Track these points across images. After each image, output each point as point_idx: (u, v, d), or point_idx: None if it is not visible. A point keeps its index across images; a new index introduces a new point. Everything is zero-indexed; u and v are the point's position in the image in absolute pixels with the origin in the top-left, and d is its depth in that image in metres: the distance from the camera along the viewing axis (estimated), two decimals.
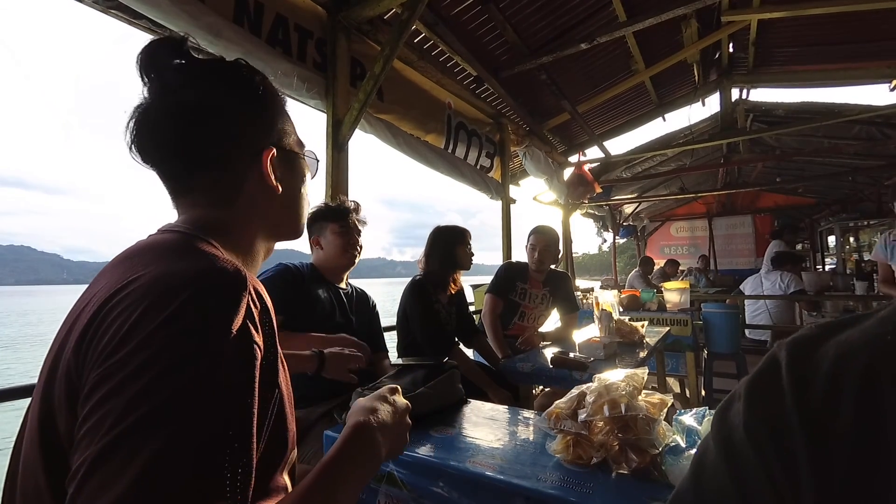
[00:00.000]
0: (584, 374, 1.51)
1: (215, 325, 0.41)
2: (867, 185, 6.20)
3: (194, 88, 0.53)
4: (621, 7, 2.82)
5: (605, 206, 7.03)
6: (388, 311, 2.09)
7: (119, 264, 0.49)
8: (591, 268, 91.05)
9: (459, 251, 2.01)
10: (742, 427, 0.29)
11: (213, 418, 0.38)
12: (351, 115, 2.04)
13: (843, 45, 3.45)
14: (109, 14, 1.62)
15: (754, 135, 4.70)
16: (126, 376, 0.37)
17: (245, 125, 0.56)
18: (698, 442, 0.83)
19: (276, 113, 0.59)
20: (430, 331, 1.88)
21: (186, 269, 0.45)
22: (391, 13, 2.31)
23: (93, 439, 0.36)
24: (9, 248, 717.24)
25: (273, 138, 0.58)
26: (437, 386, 1.16)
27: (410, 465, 0.89)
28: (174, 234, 0.52)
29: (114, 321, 0.41)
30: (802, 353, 0.29)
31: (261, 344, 0.45)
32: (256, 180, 0.56)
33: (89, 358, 0.40)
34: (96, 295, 0.45)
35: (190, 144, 0.53)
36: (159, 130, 0.52)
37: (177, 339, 0.39)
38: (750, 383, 0.31)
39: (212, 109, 0.53)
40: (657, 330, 2.47)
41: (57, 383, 0.42)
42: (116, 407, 0.36)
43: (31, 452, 0.44)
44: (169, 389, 0.37)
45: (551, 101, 3.83)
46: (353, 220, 1.56)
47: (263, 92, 0.58)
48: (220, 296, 0.43)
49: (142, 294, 0.42)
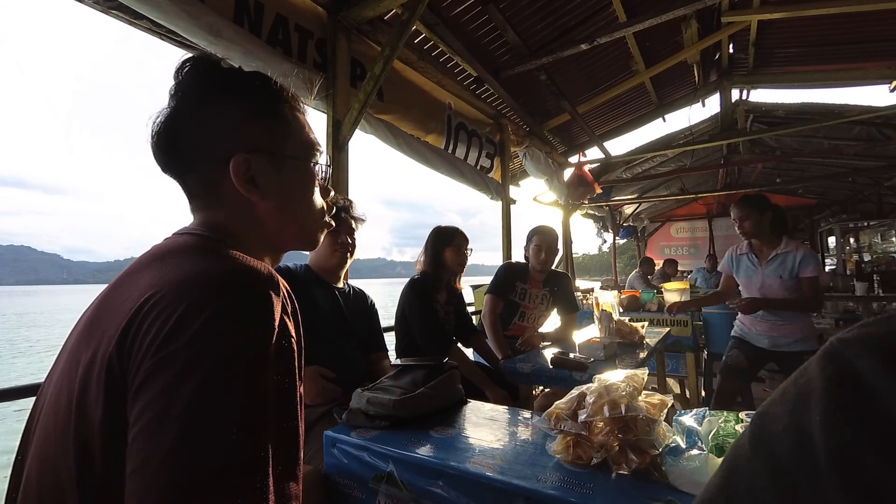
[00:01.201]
0: (584, 375, 1.51)
1: (260, 322, 0.44)
2: (867, 185, 6.21)
3: (178, 97, 0.54)
4: (621, 8, 2.82)
5: (605, 207, 7.03)
6: (387, 311, 2.09)
7: (150, 265, 0.50)
8: (591, 268, 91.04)
9: (447, 253, 2.01)
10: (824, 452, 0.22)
11: (259, 412, 0.41)
12: (351, 116, 2.04)
13: (842, 46, 3.45)
14: (110, 14, 1.62)
15: (754, 135, 4.70)
16: (179, 371, 0.39)
17: (211, 126, 0.54)
18: (698, 443, 0.83)
19: (257, 110, 0.56)
20: (429, 330, 1.88)
21: (222, 267, 0.47)
22: (391, 13, 2.31)
23: (149, 434, 0.38)
24: (9, 248, 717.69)
25: (249, 142, 0.54)
26: (437, 386, 1.16)
27: (410, 465, 0.89)
28: (193, 237, 0.54)
29: (157, 317, 0.42)
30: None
31: (296, 339, 0.48)
32: (230, 187, 0.54)
33: (135, 353, 0.41)
34: (133, 294, 0.46)
35: (173, 149, 0.55)
36: (158, 134, 0.55)
37: (224, 336, 0.41)
38: (825, 403, 0.23)
39: (182, 113, 0.54)
40: (657, 330, 2.47)
41: (94, 377, 0.43)
42: (172, 400, 0.38)
43: (55, 446, 0.45)
44: (219, 387, 0.40)
45: (551, 101, 3.83)
46: (345, 219, 1.54)
47: (238, 88, 0.55)
48: (260, 293, 0.45)
49: (183, 291, 0.43)
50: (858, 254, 6.95)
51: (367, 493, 0.93)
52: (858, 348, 0.23)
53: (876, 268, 6.23)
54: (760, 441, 0.26)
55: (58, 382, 0.48)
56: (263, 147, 0.55)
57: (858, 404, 0.22)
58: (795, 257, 2.10)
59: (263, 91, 0.57)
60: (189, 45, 1.75)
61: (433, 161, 2.91)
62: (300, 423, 0.49)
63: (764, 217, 2.16)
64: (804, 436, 0.23)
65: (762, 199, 2.21)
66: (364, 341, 1.60)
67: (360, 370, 1.51)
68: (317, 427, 1.30)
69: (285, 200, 0.58)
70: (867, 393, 0.22)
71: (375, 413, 1.05)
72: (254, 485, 0.39)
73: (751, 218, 2.16)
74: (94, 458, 0.41)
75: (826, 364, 0.24)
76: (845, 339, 0.25)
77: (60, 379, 0.48)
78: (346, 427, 1.05)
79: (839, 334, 0.25)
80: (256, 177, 0.55)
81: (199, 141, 0.54)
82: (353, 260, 1.62)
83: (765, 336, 2.24)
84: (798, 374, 0.26)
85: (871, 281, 5.08)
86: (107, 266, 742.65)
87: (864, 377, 0.22)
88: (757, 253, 2.24)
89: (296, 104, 0.60)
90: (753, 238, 2.22)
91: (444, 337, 1.93)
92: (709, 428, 0.82)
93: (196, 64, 0.55)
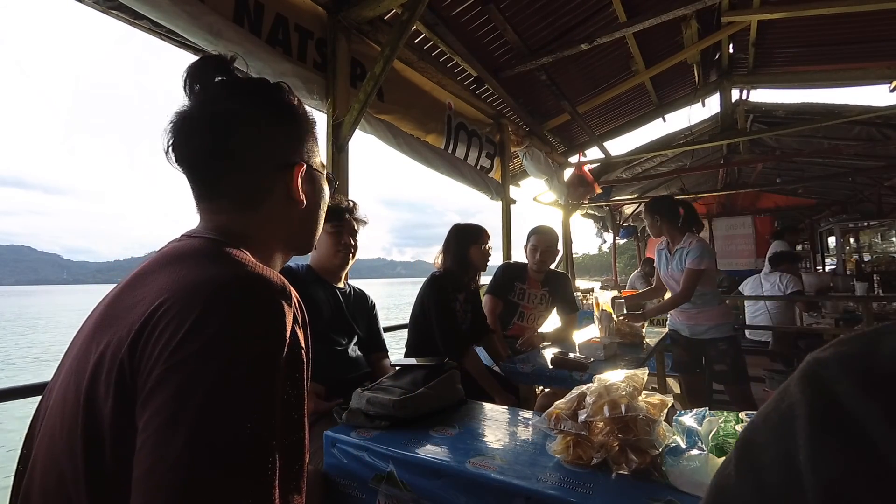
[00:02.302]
0: (584, 375, 1.51)
1: (272, 331, 0.44)
2: (867, 186, 6.20)
3: (234, 101, 0.56)
4: (621, 8, 2.82)
5: (606, 207, 7.03)
6: (387, 311, 2.07)
7: (164, 268, 0.51)
8: (591, 268, 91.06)
9: (473, 251, 1.99)
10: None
11: (268, 422, 0.41)
12: (351, 116, 2.04)
13: (842, 46, 3.45)
14: (110, 14, 1.62)
15: (754, 136, 4.70)
16: (189, 379, 0.39)
17: (277, 139, 0.59)
18: (698, 443, 0.83)
19: (306, 132, 0.63)
20: (447, 329, 1.84)
21: (236, 274, 0.47)
22: (391, 13, 2.31)
23: (157, 440, 0.38)
24: (9, 248, 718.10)
25: (303, 155, 0.61)
26: (437, 386, 1.16)
27: (410, 465, 0.89)
28: (207, 241, 0.54)
29: (170, 323, 0.42)
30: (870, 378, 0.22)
31: (305, 350, 0.48)
32: (282, 192, 0.59)
33: (146, 358, 0.42)
34: (146, 297, 0.47)
35: (223, 151, 0.56)
36: (196, 135, 0.55)
37: (235, 346, 0.42)
38: (811, 433, 0.23)
39: (247, 121, 0.56)
40: (657, 331, 2.47)
41: (104, 377, 0.43)
42: (181, 408, 0.39)
43: (61, 445, 0.45)
44: (228, 396, 0.40)
45: (551, 101, 3.83)
46: (349, 220, 1.55)
47: (297, 112, 0.62)
48: (273, 302, 0.46)
49: (196, 297, 0.44)
50: (858, 254, 6.95)
51: (367, 493, 0.93)
52: (836, 371, 0.23)
53: (876, 268, 6.23)
54: (749, 468, 0.26)
55: (65, 382, 0.48)
56: (309, 160, 0.62)
57: (842, 435, 0.22)
58: (687, 251, 2.22)
59: (304, 111, 0.63)
60: (189, 45, 1.75)
61: (433, 161, 2.91)
62: (306, 435, 0.49)
63: (674, 218, 2.30)
64: (791, 466, 0.23)
65: (658, 203, 2.37)
66: (364, 341, 1.60)
67: (360, 370, 1.51)
68: (317, 427, 1.30)
69: (312, 208, 0.64)
70: (849, 421, 0.21)
71: (375, 413, 1.05)
72: (259, 495, 0.39)
73: (661, 222, 2.33)
74: (104, 456, 0.42)
75: (805, 387, 0.24)
76: (821, 359, 0.24)
77: (67, 379, 0.48)
78: (346, 427, 1.06)
79: (815, 353, 0.25)
80: (303, 186, 0.60)
81: (262, 146, 0.57)
82: (355, 261, 1.62)
83: (685, 325, 2.37)
84: (779, 397, 0.26)
85: (871, 281, 5.08)
86: (107, 266, 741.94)
87: (844, 403, 0.22)
88: (668, 248, 2.38)
89: (314, 122, 0.66)
90: (659, 237, 2.40)
91: (460, 337, 1.88)
92: (709, 428, 0.82)
93: (258, 84, 0.60)
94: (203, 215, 0.58)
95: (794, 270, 3.98)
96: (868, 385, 0.22)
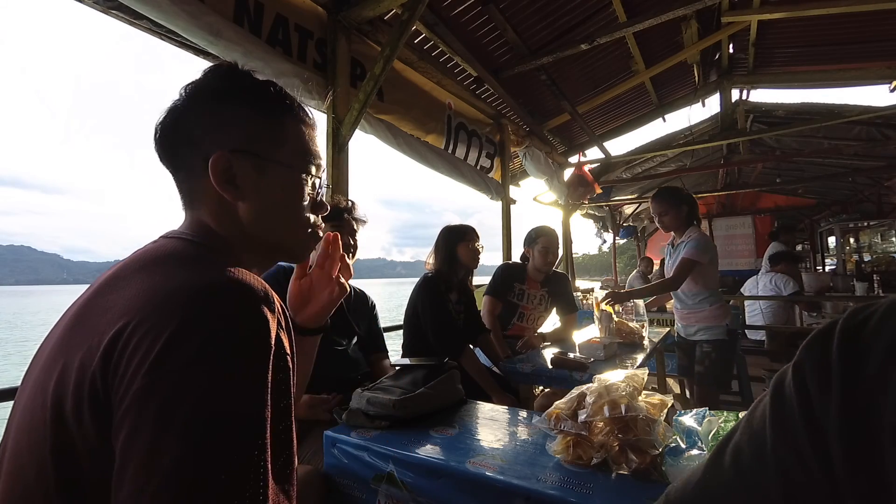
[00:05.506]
0: (584, 375, 1.51)
1: (257, 340, 0.42)
2: (867, 185, 6.21)
3: (186, 90, 0.54)
4: (621, 8, 2.82)
5: (605, 207, 7.03)
6: (387, 311, 2.08)
7: (137, 272, 0.48)
8: (591, 268, 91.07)
9: (461, 249, 2.00)
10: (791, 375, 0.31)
11: (257, 435, 0.40)
12: (351, 116, 2.04)
13: (842, 46, 3.45)
14: (110, 14, 1.62)
15: (754, 136, 4.70)
16: (172, 395, 0.38)
17: (206, 126, 0.53)
18: (698, 443, 0.83)
19: (254, 118, 0.55)
20: (442, 329, 1.85)
21: (214, 281, 0.45)
22: (391, 14, 2.31)
23: (143, 461, 0.36)
24: (9, 248, 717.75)
25: (233, 143, 0.53)
26: (437, 386, 1.16)
27: (410, 465, 0.89)
28: (182, 242, 0.52)
29: (146, 335, 0.40)
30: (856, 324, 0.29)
31: (290, 356, 0.47)
32: (209, 185, 0.53)
33: (121, 372, 0.39)
34: (118, 304, 0.44)
35: (168, 141, 0.55)
36: (161, 125, 0.55)
37: (218, 359, 0.40)
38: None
39: (188, 109, 0.54)
40: (657, 331, 2.47)
41: (72, 387, 0.41)
42: (166, 425, 0.37)
43: (32, 452, 0.43)
44: (215, 406, 0.38)
45: (551, 101, 3.83)
46: (348, 220, 1.54)
47: (244, 96, 0.55)
48: (255, 311, 0.43)
49: (174, 307, 0.41)
50: (858, 254, 6.95)
51: (367, 493, 0.93)
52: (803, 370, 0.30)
53: (876, 268, 6.23)
54: (742, 472, 0.32)
55: (31, 393, 0.46)
56: (250, 148, 0.54)
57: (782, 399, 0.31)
58: (686, 243, 2.21)
59: (266, 95, 0.56)
60: (189, 45, 1.75)
61: (433, 161, 2.91)
62: (294, 449, 0.48)
63: (681, 211, 2.25)
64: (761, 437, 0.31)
65: (678, 193, 2.33)
66: (365, 342, 1.60)
67: (360, 370, 1.51)
68: (317, 427, 1.30)
69: (267, 205, 0.56)
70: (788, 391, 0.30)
71: (375, 413, 1.05)
72: None
73: (669, 213, 2.27)
74: (80, 469, 0.40)
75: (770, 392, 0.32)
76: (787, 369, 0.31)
77: (34, 390, 0.46)
78: (346, 427, 1.06)
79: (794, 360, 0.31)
80: (238, 177, 0.53)
81: (194, 136, 0.53)
82: (355, 261, 1.62)
83: (680, 325, 2.36)
84: (754, 405, 0.33)
85: (871, 281, 5.08)
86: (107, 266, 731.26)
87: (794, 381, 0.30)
88: (673, 241, 2.37)
89: (302, 115, 0.59)
90: (670, 231, 2.34)
91: (457, 336, 1.89)
92: (709, 428, 0.82)
93: (216, 68, 0.56)
94: (183, 211, 0.57)
95: (792, 270, 3.98)
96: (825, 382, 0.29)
